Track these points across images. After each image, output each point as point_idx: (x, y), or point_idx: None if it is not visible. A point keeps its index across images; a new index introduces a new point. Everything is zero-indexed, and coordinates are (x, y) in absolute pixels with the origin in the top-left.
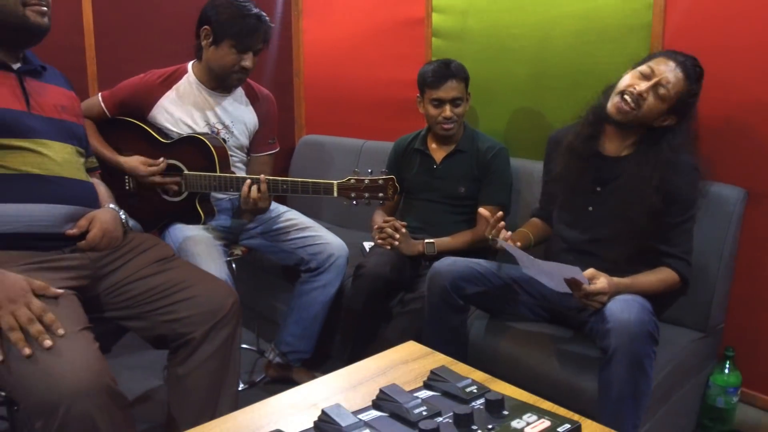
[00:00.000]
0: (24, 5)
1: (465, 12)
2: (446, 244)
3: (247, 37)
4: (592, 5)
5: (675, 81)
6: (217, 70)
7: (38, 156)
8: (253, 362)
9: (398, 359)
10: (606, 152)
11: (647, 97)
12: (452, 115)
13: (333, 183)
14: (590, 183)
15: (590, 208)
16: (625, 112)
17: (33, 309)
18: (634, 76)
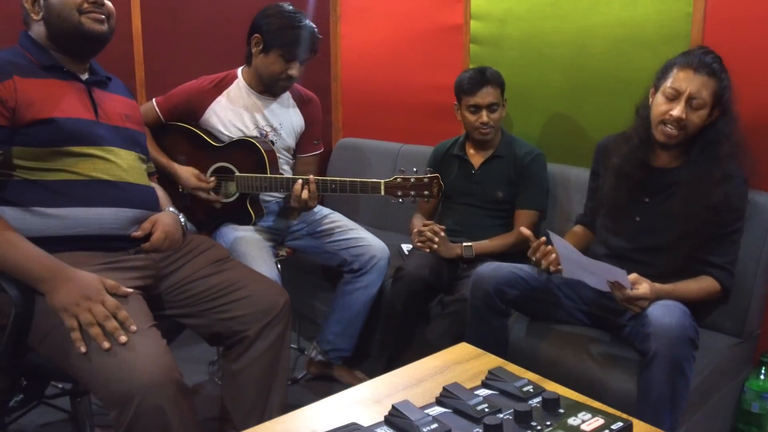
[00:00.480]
0: (80, 13)
1: (503, 19)
2: (484, 247)
3: (295, 47)
4: (631, 14)
5: (702, 86)
6: (265, 77)
7: (106, 162)
8: (294, 359)
9: (453, 359)
10: (656, 163)
11: (687, 116)
12: (489, 120)
13: (380, 182)
14: (639, 193)
15: (637, 218)
16: (676, 137)
17: (108, 306)
18: (663, 101)
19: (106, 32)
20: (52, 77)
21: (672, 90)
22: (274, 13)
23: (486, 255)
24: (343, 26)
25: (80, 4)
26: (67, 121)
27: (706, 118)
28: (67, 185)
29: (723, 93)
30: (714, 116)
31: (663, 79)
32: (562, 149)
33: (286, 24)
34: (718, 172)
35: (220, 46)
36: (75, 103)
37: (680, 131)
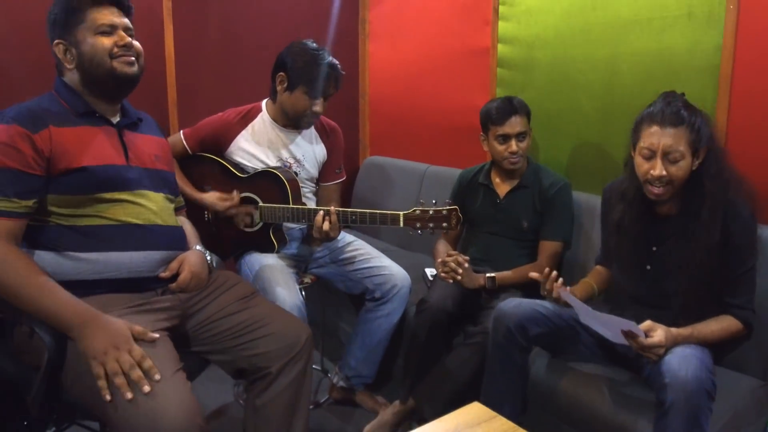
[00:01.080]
0: (111, 57)
1: (531, 44)
2: (507, 278)
3: (319, 84)
4: (660, 44)
5: (673, 139)
6: (290, 113)
7: (136, 206)
8: (317, 382)
9: (464, 423)
10: (658, 211)
11: (667, 171)
12: (518, 149)
13: (399, 214)
14: (646, 243)
15: (648, 267)
16: (664, 193)
17: (134, 355)
18: (642, 161)
19: (137, 73)
20: (85, 124)
21: (646, 150)
22: (298, 51)
23: (509, 286)
24: (372, 44)
25: (111, 49)
26: (99, 169)
27: (689, 167)
28: (99, 230)
29: (699, 136)
30: (702, 157)
31: (636, 137)
32: (590, 178)
33: (310, 62)
34: (706, 212)
35: (251, 70)
36: (107, 149)
37: (667, 186)
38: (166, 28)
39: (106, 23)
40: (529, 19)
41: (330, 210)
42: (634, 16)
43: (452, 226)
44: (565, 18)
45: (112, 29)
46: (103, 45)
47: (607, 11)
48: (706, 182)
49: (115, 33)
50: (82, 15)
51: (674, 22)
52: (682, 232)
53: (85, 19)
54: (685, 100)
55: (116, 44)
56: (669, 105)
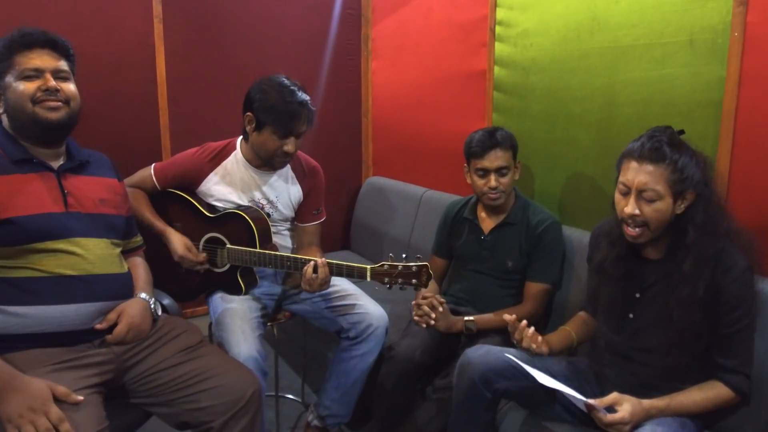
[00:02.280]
0: (33, 102)
1: (527, 68)
2: (487, 321)
3: (288, 123)
4: (660, 74)
5: (650, 176)
6: (261, 154)
7: (72, 257)
8: (297, 416)
9: None
10: (643, 255)
11: (641, 210)
12: (497, 185)
13: (366, 268)
14: (630, 288)
15: (631, 315)
16: (639, 235)
17: (51, 418)
18: (619, 197)
19: (63, 119)
20: (20, 171)
21: (622, 185)
22: (265, 89)
23: (490, 330)
24: (375, 62)
25: (33, 94)
26: (28, 219)
27: (669, 208)
28: (31, 282)
29: (682, 177)
30: (688, 201)
31: (618, 172)
32: (584, 213)
33: (278, 100)
34: (688, 264)
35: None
36: (42, 197)
37: (642, 228)
38: (157, 52)
39: (30, 68)
40: (525, 42)
41: (319, 262)
42: (633, 42)
43: (422, 283)
44: (561, 42)
45: (38, 73)
46: (25, 90)
47: (605, 36)
48: (689, 231)
49: (41, 77)
50: (10, 60)
51: (675, 49)
52: (666, 280)
53: (12, 64)
54: (673, 136)
55: (39, 89)
56: (651, 140)
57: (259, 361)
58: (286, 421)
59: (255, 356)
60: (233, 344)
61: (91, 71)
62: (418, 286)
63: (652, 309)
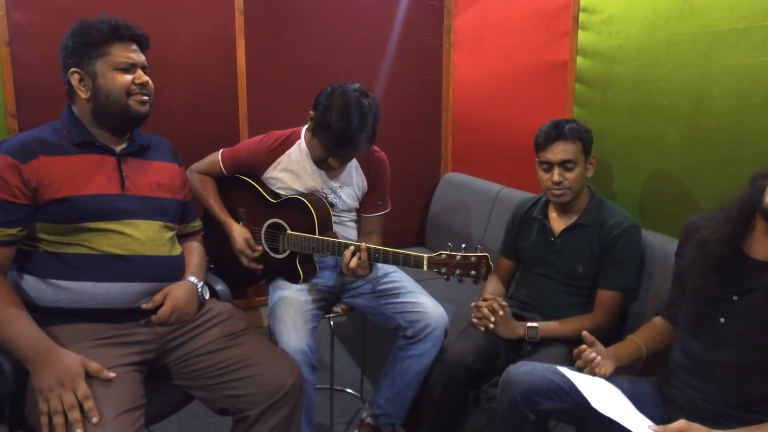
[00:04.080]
0: (128, 95)
1: (611, 58)
2: (551, 329)
3: (336, 148)
4: (758, 61)
5: None
6: (312, 155)
7: (122, 236)
8: (354, 412)
9: None
10: (752, 254)
11: None
12: (561, 179)
13: (423, 257)
14: (726, 289)
15: (722, 320)
16: None
17: (78, 395)
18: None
19: (148, 112)
20: (82, 153)
21: None
22: (332, 101)
23: (553, 338)
24: (457, 55)
25: (128, 87)
26: (83, 199)
27: None
28: (81, 259)
29: None
30: None
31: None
32: (667, 217)
33: (335, 122)
34: None
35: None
36: (99, 178)
37: None
38: (238, 43)
39: (127, 61)
40: (610, 29)
41: (361, 246)
42: (730, 26)
43: (481, 275)
44: (649, 28)
45: (131, 67)
46: (122, 82)
47: (697, 20)
48: None
49: (134, 71)
50: (103, 49)
51: None
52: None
53: (105, 54)
54: None
55: (134, 82)
56: None
57: (308, 355)
58: (343, 416)
59: (304, 349)
60: (284, 335)
61: (174, 62)
62: (477, 278)
63: (750, 316)
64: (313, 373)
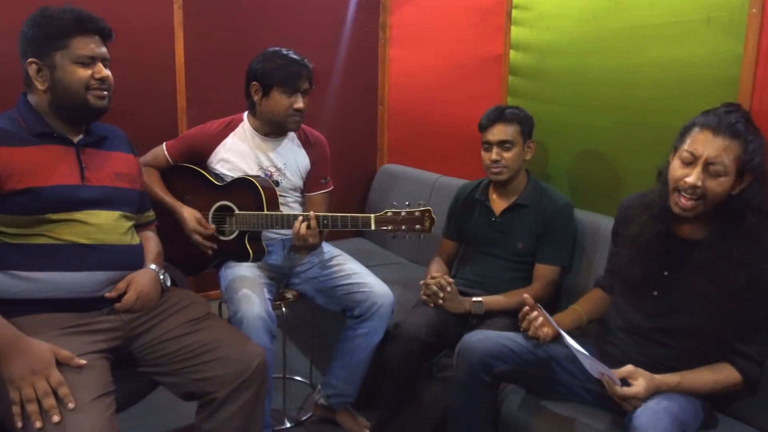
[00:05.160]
0: (87, 89)
1: (543, 51)
2: (496, 302)
3: (293, 80)
4: (677, 53)
5: (722, 150)
6: (275, 118)
7: (85, 226)
8: (304, 398)
9: None
10: (679, 233)
11: (705, 183)
12: (498, 158)
13: (371, 216)
14: (658, 265)
15: (655, 293)
16: (692, 208)
17: (51, 382)
18: (679, 165)
19: (107, 106)
20: (40, 143)
21: (688, 154)
22: (264, 57)
23: (498, 311)
24: (393, 50)
25: (87, 81)
26: (46, 190)
27: (730, 186)
28: (44, 249)
29: (751, 158)
30: (745, 183)
31: (681, 140)
32: (598, 197)
33: (279, 62)
34: (740, 249)
35: None
36: (60, 169)
37: (697, 201)
38: (176, 37)
39: (87, 54)
40: (541, 25)
41: (310, 215)
42: (651, 22)
43: (425, 228)
44: (578, 24)
45: (92, 61)
46: (81, 77)
47: (622, 17)
48: (747, 213)
49: (94, 65)
50: (63, 40)
51: (692, 28)
52: (705, 262)
53: (66, 46)
54: (747, 115)
55: (93, 77)
56: (728, 114)
57: (268, 322)
58: (294, 402)
59: (264, 316)
60: (243, 303)
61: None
62: (422, 231)
63: (679, 289)
64: (272, 342)
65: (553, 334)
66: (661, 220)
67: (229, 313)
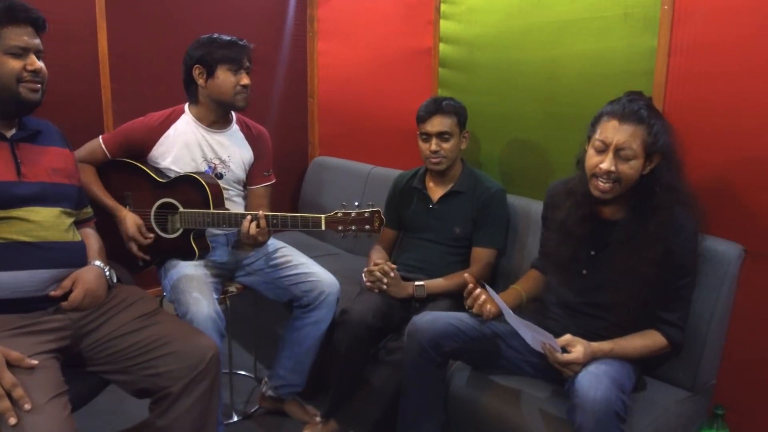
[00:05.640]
0: (18, 81)
1: (472, 44)
2: (438, 285)
3: (236, 56)
4: (598, 47)
5: (630, 136)
6: (223, 98)
7: (26, 223)
8: (250, 391)
9: None
10: (601, 214)
11: (618, 168)
12: (438, 149)
13: (321, 217)
14: (585, 246)
15: (584, 272)
16: (609, 190)
17: (4, 384)
18: (593, 153)
19: (40, 99)
20: None
21: (600, 142)
22: (202, 42)
23: (440, 294)
24: (321, 43)
25: (19, 73)
26: None
27: (641, 167)
28: None
29: (656, 139)
30: (654, 163)
31: (593, 130)
32: (528, 182)
33: (220, 43)
34: (654, 224)
35: None
36: None
37: (613, 184)
38: (99, 28)
39: (19, 45)
40: (470, 18)
41: (258, 214)
42: (573, 17)
43: (375, 228)
44: (505, 18)
45: (24, 52)
46: (12, 68)
47: (546, 12)
48: (657, 191)
49: (27, 56)
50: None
51: (611, 23)
52: (626, 239)
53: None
54: (649, 102)
55: (25, 68)
56: (631, 102)
57: (218, 322)
58: (240, 397)
59: (214, 316)
60: (192, 305)
61: None
62: (372, 231)
63: (607, 267)
64: (222, 342)
65: (497, 312)
66: (583, 204)
67: (176, 312)
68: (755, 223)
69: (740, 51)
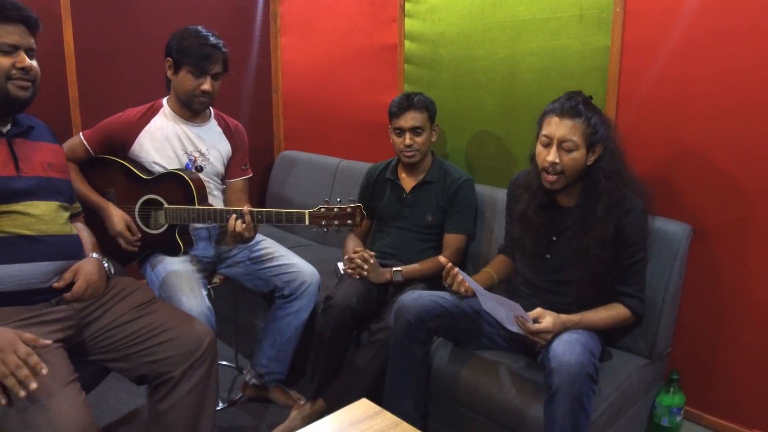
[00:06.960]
0: (8, 79)
1: (436, 41)
2: (413, 271)
3: (202, 61)
4: (554, 44)
5: (570, 129)
6: (182, 97)
7: (27, 217)
8: (232, 380)
9: (349, 420)
10: (559, 203)
11: (562, 159)
12: (413, 143)
13: (305, 212)
14: (547, 233)
15: (548, 256)
16: (556, 181)
17: (19, 354)
18: (540, 149)
19: (30, 97)
20: None
21: (545, 137)
22: (181, 35)
23: (416, 278)
24: (284, 39)
25: (9, 71)
26: None
27: (583, 158)
28: None
29: (595, 131)
30: (597, 153)
31: (539, 127)
32: (492, 172)
33: (193, 42)
34: (602, 207)
35: (157, 67)
36: None
37: (559, 175)
38: (64, 24)
39: (9, 42)
40: (433, 17)
41: (243, 210)
42: (531, 17)
43: (357, 223)
44: (467, 17)
45: (14, 49)
46: (2, 66)
47: (506, 11)
48: (601, 178)
49: (17, 54)
50: None
51: (567, 23)
52: (580, 224)
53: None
54: (586, 99)
55: (15, 66)
56: (569, 100)
57: (209, 317)
58: (223, 386)
59: (206, 312)
60: (184, 302)
61: None
62: (354, 226)
63: (567, 250)
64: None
65: (473, 291)
66: (540, 195)
67: None
68: (701, 205)
69: (687, 50)
